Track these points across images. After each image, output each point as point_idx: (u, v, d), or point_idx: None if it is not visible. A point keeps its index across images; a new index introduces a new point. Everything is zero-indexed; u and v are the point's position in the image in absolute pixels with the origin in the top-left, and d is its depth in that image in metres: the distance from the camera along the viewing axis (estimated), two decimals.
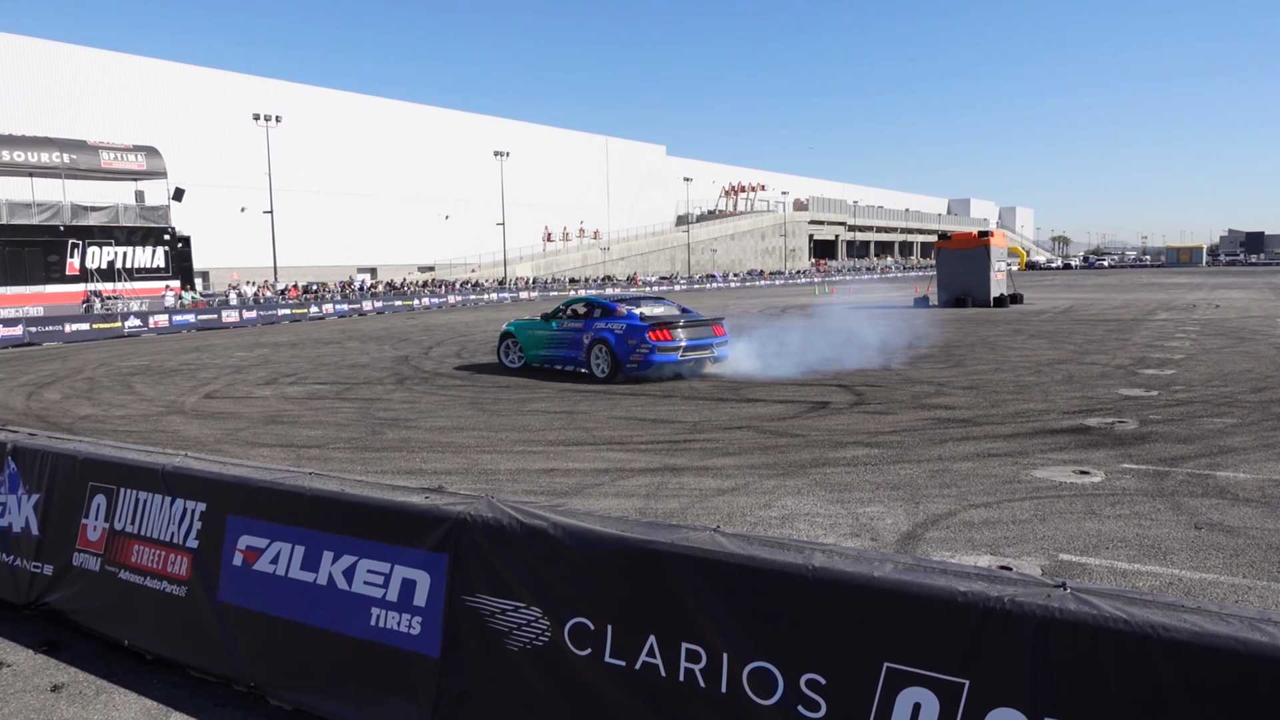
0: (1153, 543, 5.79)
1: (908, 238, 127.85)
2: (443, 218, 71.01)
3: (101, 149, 36.85)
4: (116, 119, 49.76)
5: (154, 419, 12.05)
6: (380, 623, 3.65)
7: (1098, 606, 2.36)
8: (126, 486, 4.68)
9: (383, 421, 11.30)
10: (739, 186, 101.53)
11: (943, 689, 2.49)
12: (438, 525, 3.54)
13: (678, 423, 10.58)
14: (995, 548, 5.75)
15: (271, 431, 10.79)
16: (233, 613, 4.11)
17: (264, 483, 4.16)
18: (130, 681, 4.25)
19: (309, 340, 27.01)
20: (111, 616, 4.62)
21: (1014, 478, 7.52)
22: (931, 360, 16.51)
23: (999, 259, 34.94)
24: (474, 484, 7.69)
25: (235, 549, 4.15)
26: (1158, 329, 22.15)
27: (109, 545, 4.68)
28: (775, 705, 2.74)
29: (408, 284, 58.28)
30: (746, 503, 6.96)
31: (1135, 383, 12.92)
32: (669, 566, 3.01)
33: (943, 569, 2.65)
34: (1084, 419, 10.11)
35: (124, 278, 35.62)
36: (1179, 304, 32.60)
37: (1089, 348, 18.07)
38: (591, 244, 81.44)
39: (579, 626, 3.17)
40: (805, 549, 2.85)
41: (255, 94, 57.78)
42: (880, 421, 10.31)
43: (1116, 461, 8.01)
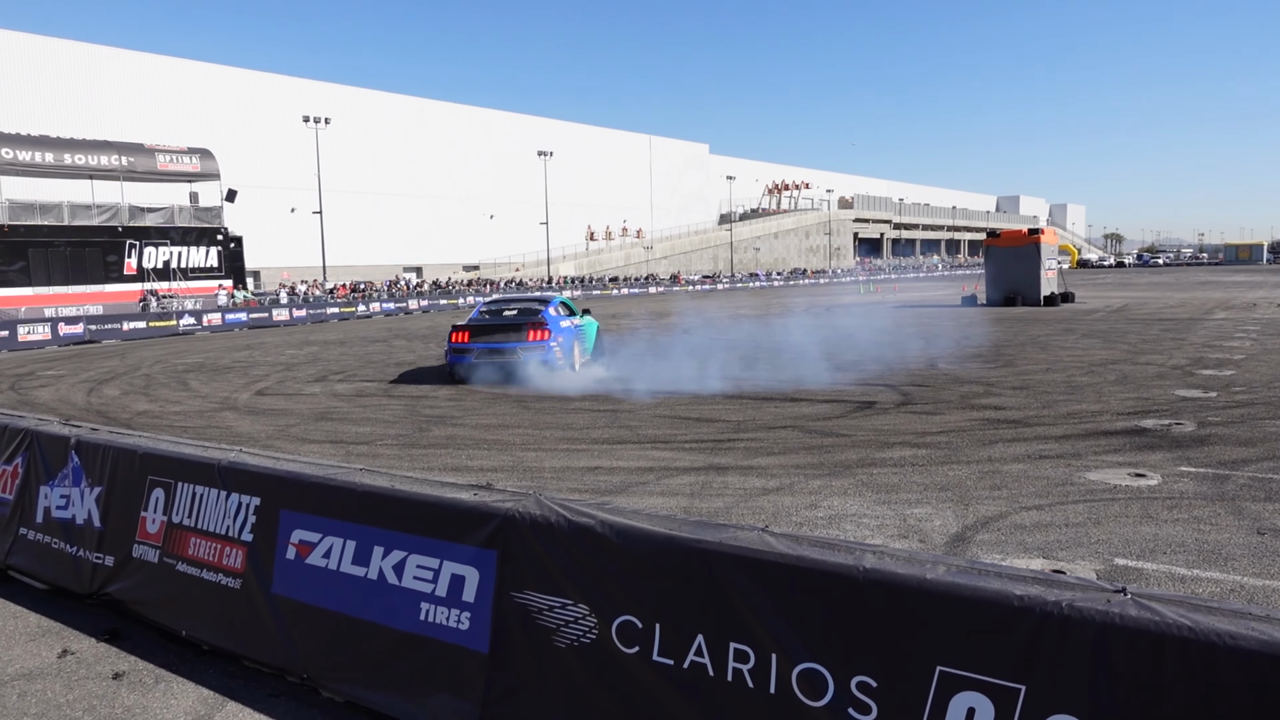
0: (1213, 548, 5.62)
1: (954, 235, 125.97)
2: (487, 217, 71.66)
3: (158, 151, 37.84)
4: (172, 122, 51.07)
5: (208, 415, 12.34)
6: (429, 617, 3.69)
7: (1160, 613, 2.29)
8: (184, 481, 4.79)
9: (429, 419, 11.44)
10: (782, 184, 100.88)
11: (998, 694, 2.45)
12: (486, 522, 3.57)
13: (721, 421, 10.54)
14: (1048, 551, 5.64)
15: (321, 428, 10.99)
16: (286, 605, 4.19)
17: (316, 478, 4.23)
18: (187, 671, 4.36)
19: (357, 338, 27.45)
20: (169, 607, 4.74)
21: (1066, 480, 7.37)
22: (980, 360, 16.24)
23: (1050, 257, 34.24)
24: (519, 481, 7.75)
25: (288, 543, 4.23)
26: (1216, 328, 21.52)
27: (167, 538, 4.80)
28: (825, 707, 2.72)
29: (452, 283, 58.90)
30: (792, 503, 6.91)
31: (1193, 383, 12.57)
32: (717, 566, 2.99)
33: (997, 572, 2.60)
34: (1139, 420, 9.86)
35: (179, 277, 36.54)
36: (1238, 303, 31.65)
37: (1144, 347, 17.63)
38: (635, 243, 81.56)
39: (627, 624, 3.17)
40: (855, 550, 2.82)
41: (304, 96, 58.90)
42: (928, 422, 10.17)
43: (1174, 464, 7.81)
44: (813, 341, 21.04)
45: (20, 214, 33.00)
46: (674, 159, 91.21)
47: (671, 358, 17.76)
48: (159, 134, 45.49)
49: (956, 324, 25.57)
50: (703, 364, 16.02)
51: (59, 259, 33.40)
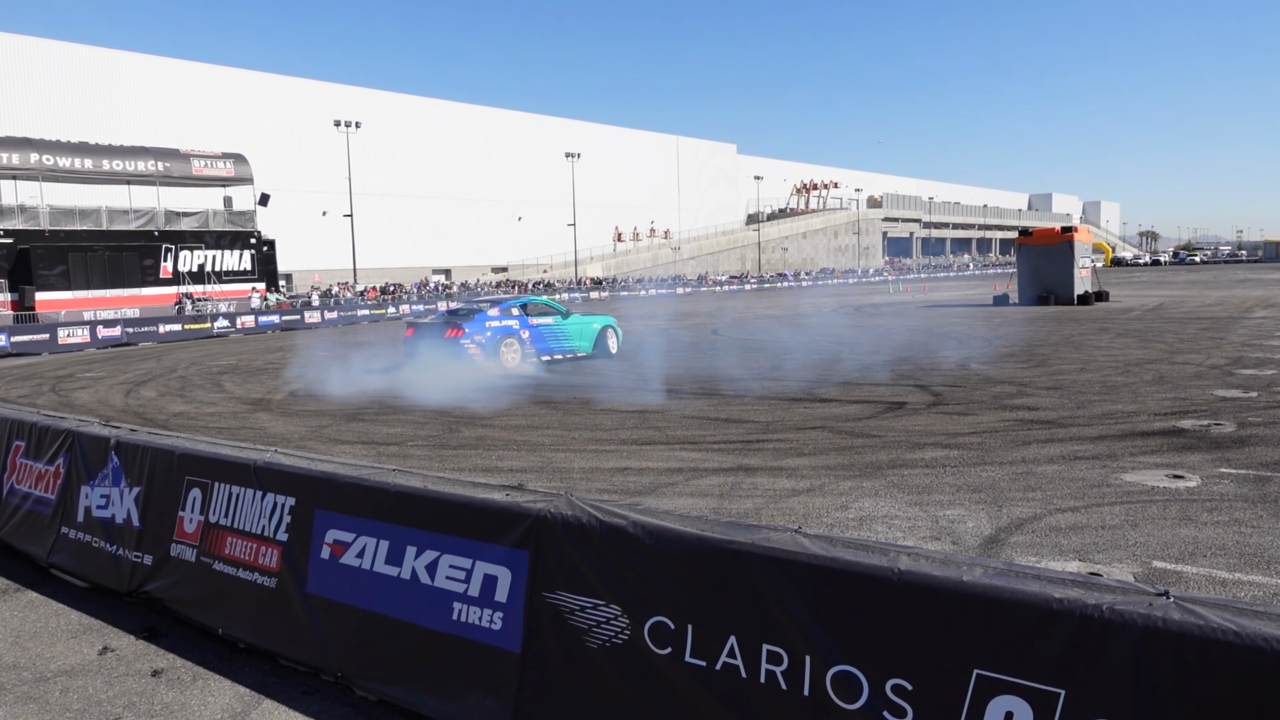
0: (1254, 551, 5.51)
1: (985, 234, 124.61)
2: (515, 219, 72.02)
3: (193, 157, 38.45)
4: (206, 127, 51.89)
5: (242, 416, 12.51)
6: (462, 617, 3.71)
7: (1204, 617, 2.25)
8: (220, 481, 4.86)
9: (458, 420, 11.51)
10: (810, 184, 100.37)
11: (1036, 698, 2.41)
12: (518, 522, 3.59)
13: (750, 422, 10.50)
14: (1084, 553, 5.56)
15: (353, 429, 11.09)
16: (321, 604, 4.23)
17: (350, 478, 4.27)
18: (224, 668, 4.42)
19: (386, 340, 27.69)
20: (207, 605, 4.81)
21: (1102, 481, 7.25)
22: (1013, 360, 16.04)
23: (1083, 255, 33.73)
24: (549, 482, 7.77)
25: (323, 542, 4.28)
26: (1256, 327, 21.08)
27: (204, 537, 4.87)
28: (860, 710, 2.70)
29: (481, 284, 59.25)
30: (822, 504, 6.87)
31: (1232, 383, 12.33)
32: (750, 567, 2.98)
33: (1035, 574, 2.57)
34: (1177, 421, 9.69)
35: (213, 280, 37.10)
36: (1279, 301, 30.98)
37: (1181, 347, 17.31)
38: (662, 244, 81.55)
39: (659, 625, 3.17)
40: (890, 551, 2.80)
41: (335, 101, 59.59)
42: (959, 422, 10.06)
43: (1213, 465, 7.66)
44: (841, 342, 20.91)
45: (60, 219, 33.70)
46: (701, 159, 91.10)
47: (678, 354, 17.73)
48: (194, 139, 46.25)
49: (988, 323, 25.28)
50: (715, 361, 15.98)
51: (97, 263, 34.04)
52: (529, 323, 17.23)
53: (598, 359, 17.97)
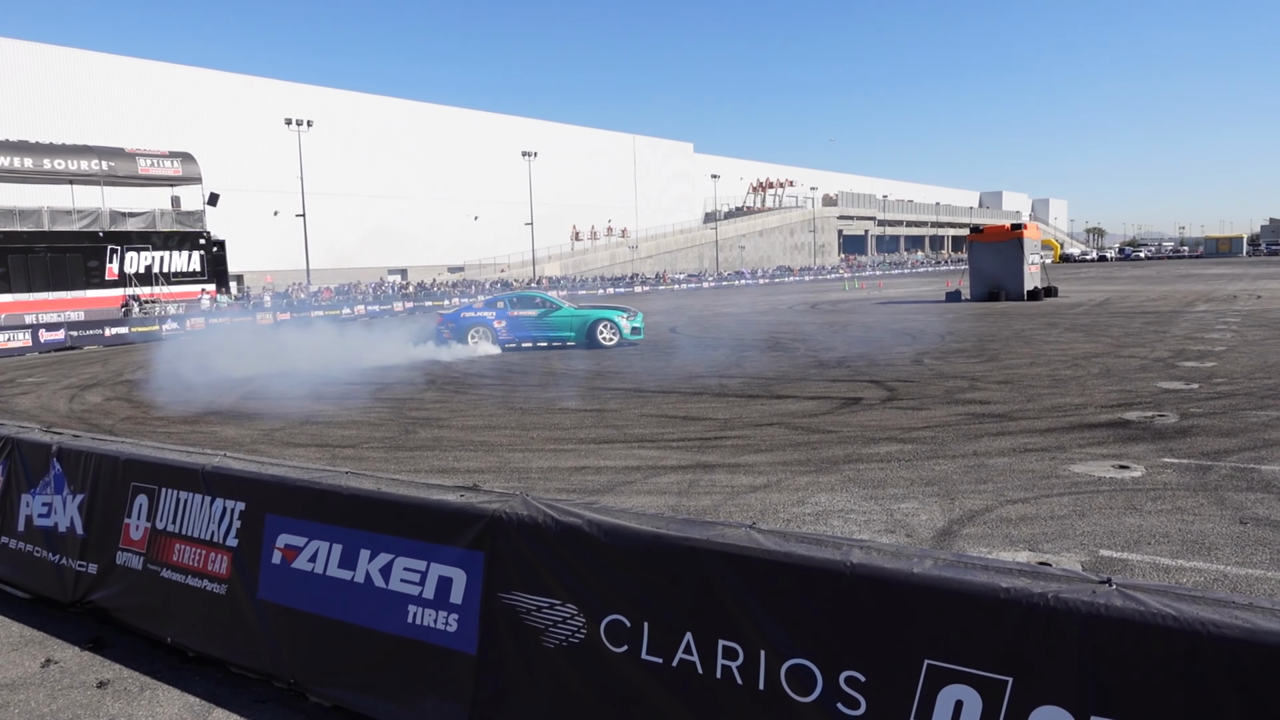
0: (1196, 538, 5.67)
1: (938, 231, 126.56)
2: (472, 218, 71.48)
3: (139, 156, 37.51)
4: (153, 126, 50.69)
5: (192, 420, 12.25)
6: (417, 620, 3.67)
7: (1145, 603, 2.31)
8: (167, 486, 4.75)
9: (415, 421, 11.39)
10: (767, 183, 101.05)
11: (985, 686, 2.46)
12: (473, 523, 3.56)
13: (708, 420, 10.55)
14: (1034, 544, 5.67)
15: (306, 431, 10.92)
16: (272, 610, 4.16)
17: (301, 482, 4.20)
18: (173, 678, 4.32)
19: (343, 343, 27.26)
20: (154, 614, 4.70)
21: (1051, 473, 7.41)
22: (965, 355, 16.32)
23: (1032, 251, 34.46)
24: (506, 482, 7.73)
25: (274, 547, 4.21)
26: (1197, 321, 21.71)
27: (151, 544, 4.76)
28: (814, 703, 2.72)
29: (437, 284, 58.72)
30: (779, 499, 6.92)
31: (1175, 375, 12.68)
32: (705, 563, 2.99)
33: (984, 565, 2.61)
34: (1123, 413, 9.93)
35: (161, 282, 36.25)
36: (1219, 295, 31.93)
37: (1126, 340, 17.76)
38: (620, 242, 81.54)
39: (615, 623, 3.17)
40: (843, 545, 2.83)
41: (287, 99, 58.59)
42: (913, 417, 10.21)
43: (1157, 456, 7.87)
44: (798, 339, 21.10)
45: (0, 220, 32.66)
46: (658, 158, 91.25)
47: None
48: (140, 138, 45.13)
49: (941, 319, 25.69)
50: (673, 359, 16.04)
51: (39, 265, 33.05)
52: (508, 314, 20.75)
53: (591, 349, 19.97)
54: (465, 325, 20.69)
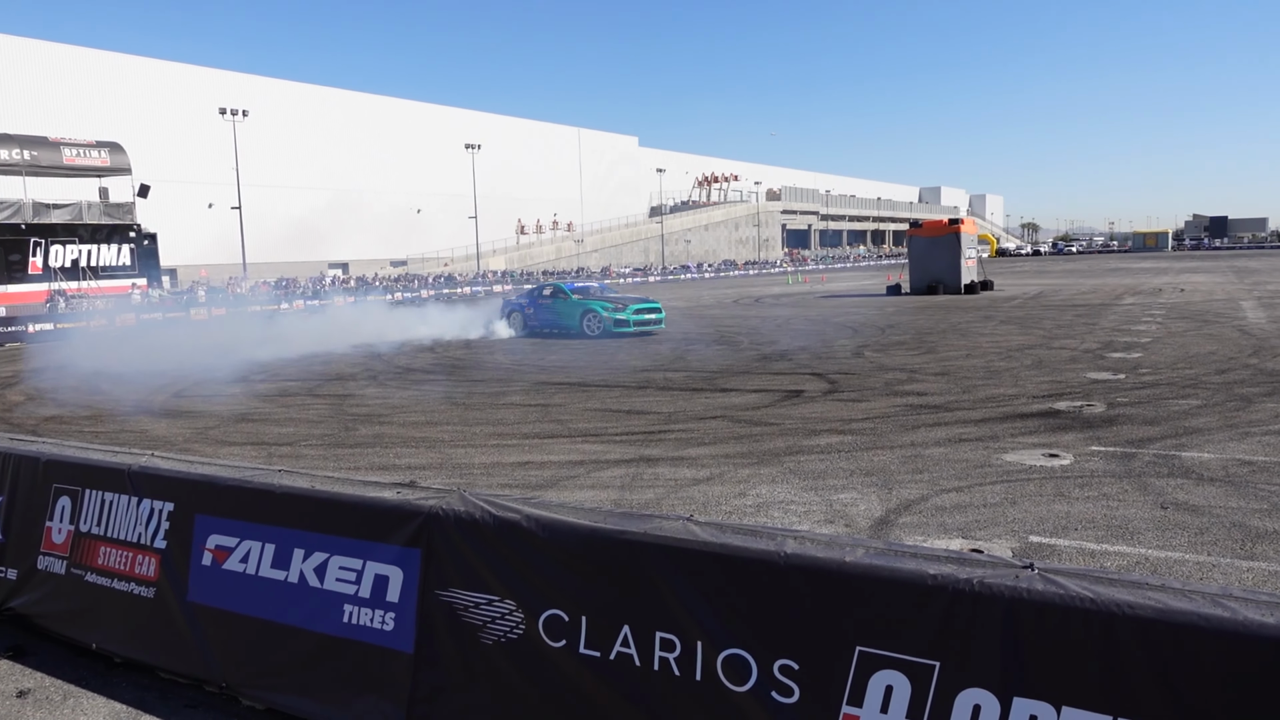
0: (1120, 523, 5.87)
1: (880, 226, 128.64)
2: (414, 211, 70.46)
3: (63, 145, 36.14)
4: (79, 115, 48.87)
5: (121, 419, 11.87)
6: (353, 620, 3.62)
7: (1065, 586, 2.38)
8: (92, 488, 4.60)
9: (355, 417, 11.21)
10: (712, 177, 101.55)
11: (914, 671, 2.51)
12: (410, 520, 3.52)
13: (652, 414, 10.58)
14: (967, 531, 5.81)
15: (242, 429, 10.67)
16: (203, 613, 4.06)
17: (233, 481, 4.10)
18: (98, 685, 4.19)
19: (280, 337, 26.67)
20: (78, 620, 4.54)
21: (985, 462, 7.61)
22: (904, 347, 16.64)
23: (970, 246, 35.25)
24: (448, 478, 7.65)
25: (204, 548, 4.10)
26: (1125, 313, 22.46)
27: (75, 547, 4.60)
28: (749, 691, 2.75)
29: (379, 278, 57.79)
30: (721, 492, 6.98)
31: (1103, 366, 13.10)
32: (643, 556, 3.00)
33: (913, 553, 2.67)
34: (1053, 403, 10.23)
35: (88, 276, 35.02)
36: (1145, 288, 33.08)
37: (1058, 333, 18.30)
38: (565, 236, 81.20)
39: (553, 618, 3.16)
40: (778, 536, 2.86)
41: (221, 88, 56.98)
42: (853, 409, 10.38)
43: (1085, 444, 8.13)
44: (742, 332, 21.27)
45: None
46: (604, 152, 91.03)
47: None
48: (65, 127, 43.46)
49: (881, 312, 26.15)
50: (618, 354, 16.06)
51: None
52: (536, 302, 22.76)
53: (585, 336, 21.11)
54: (508, 310, 23.20)
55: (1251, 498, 6.30)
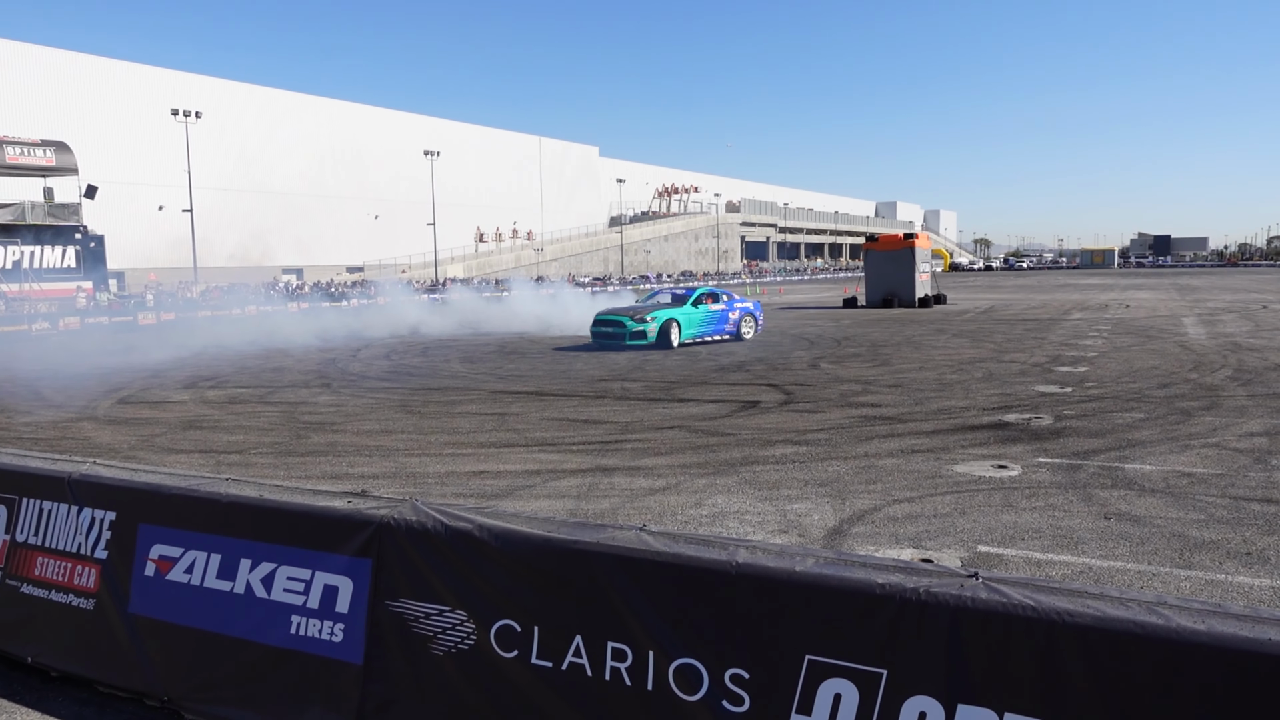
0: (1065, 533, 6.01)
1: (837, 239, 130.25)
2: (372, 218, 69.74)
3: (6, 144, 35.18)
4: (24, 113, 47.58)
5: (63, 425, 11.55)
6: (301, 631, 3.56)
7: (1007, 595, 2.44)
8: (29, 496, 4.47)
9: (308, 425, 11.04)
10: (672, 188, 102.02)
11: (862, 679, 2.55)
12: (360, 530, 3.47)
13: (610, 423, 10.58)
14: (918, 541, 5.90)
15: (190, 437, 10.44)
16: (145, 625, 3.96)
17: (177, 489, 4.02)
18: (33, 700, 4.06)
19: (231, 344, 26.17)
20: (13, 633, 4.40)
21: (936, 473, 7.73)
22: (859, 359, 16.85)
23: (924, 260, 35.89)
24: (401, 488, 7.57)
25: (147, 559, 4.01)
26: (1072, 328, 23.01)
27: (10, 558, 4.46)
28: (701, 700, 2.76)
29: (335, 284, 57.01)
30: (677, 501, 7.00)
31: (1051, 379, 13.40)
32: (595, 566, 3.00)
33: (862, 562, 2.71)
34: (1003, 415, 10.44)
35: (31, 278, 34.04)
36: (1092, 304, 33.93)
37: (1008, 346, 18.68)
38: (525, 245, 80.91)
39: (505, 629, 3.14)
40: (730, 546, 2.88)
41: (174, 89, 55.90)
42: (809, 420, 10.48)
43: (1033, 456, 8.30)
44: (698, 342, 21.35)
45: None
46: (564, 161, 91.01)
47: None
48: (9, 125, 42.29)
49: (837, 325, 26.46)
50: (574, 363, 16.02)
51: None
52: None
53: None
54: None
55: (1190, 509, 6.49)
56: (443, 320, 30.68)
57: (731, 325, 21.19)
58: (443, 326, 28.80)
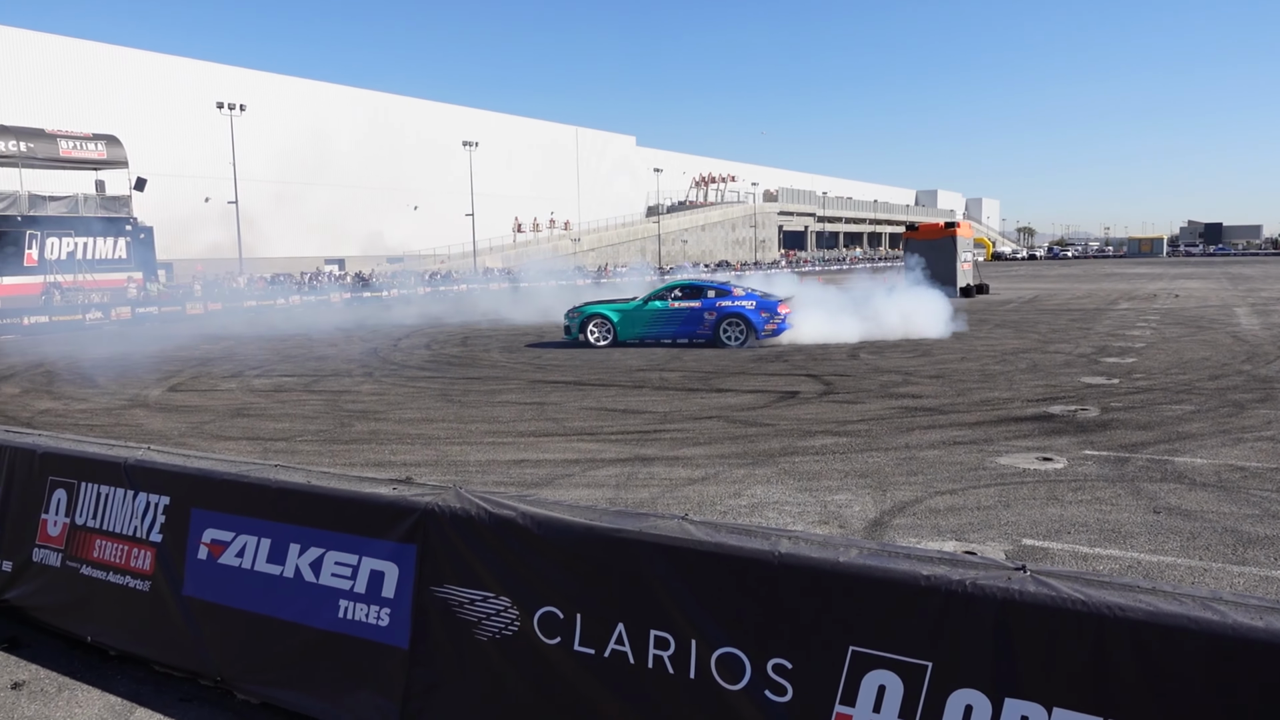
0: (1113, 527, 5.90)
1: (876, 228, 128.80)
2: (411, 208, 70.39)
3: (60, 137, 36.04)
4: (76, 107, 48.75)
5: (117, 412, 11.86)
6: (348, 615, 3.63)
7: (1056, 588, 2.41)
8: (88, 481, 4.60)
9: (351, 414, 11.21)
10: (709, 177, 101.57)
11: (907, 671, 2.53)
12: (405, 516, 3.53)
13: (648, 413, 10.60)
14: (960, 533, 5.84)
15: (237, 424, 10.67)
16: (198, 607, 4.07)
17: (229, 475, 4.11)
18: (93, 678, 4.20)
19: (275, 333, 26.66)
20: (73, 613, 4.55)
21: (979, 465, 7.63)
22: (899, 350, 16.67)
23: (965, 249, 35.35)
24: (443, 475, 7.66)
25: (200, 542, 4.11)
26: (1119, 318, 22.53)
27: (70, 540, 4.60)
28: (743, 690, 2.77)
29: (375, 275, 57.68)
30: (716, 492, 7.00)
31: (1097, 371, 13.14)
32: (637, 555, 3.02)
33: (906, 554, 2.69)
34: (1047, 407, 10.27)
35: (84, 269, 34.92)
36: (1140, 294, 33.18)
37: (1053, 337, 18.35)
38: (562, 235, 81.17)
39: (548, 615, 3.18)
40: (772, 536, 2.88)
41: (219, 82, 56.87)
42: (848, 410, 10.41)
43: (1079, 448, 8.16)
44: None
45: None
46: (601, 151, 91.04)
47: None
48: (62, 119, 43.34)
49: None
50: (613, 353, 16.03)
51: None
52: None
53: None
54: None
55: (1243, 503, 6.34)
56: (518, 308, 31.06)
57: (706, 327, 17.79)
58: (484, 314, 29.03)
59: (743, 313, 17.60)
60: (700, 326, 17.88)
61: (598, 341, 18.37)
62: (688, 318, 18.05)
